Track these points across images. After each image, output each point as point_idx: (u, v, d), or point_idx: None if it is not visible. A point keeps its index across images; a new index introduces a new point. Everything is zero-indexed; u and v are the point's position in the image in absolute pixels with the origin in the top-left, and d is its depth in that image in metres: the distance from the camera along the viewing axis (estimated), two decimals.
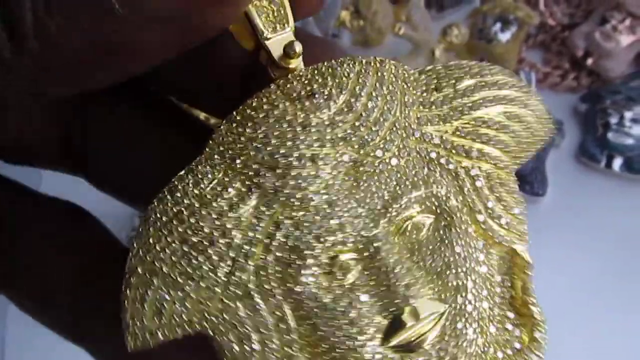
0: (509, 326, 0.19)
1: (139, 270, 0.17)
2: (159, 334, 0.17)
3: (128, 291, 0.17)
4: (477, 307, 0.18)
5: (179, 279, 0.17)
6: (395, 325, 0.17)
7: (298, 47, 0.18)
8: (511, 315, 0.19)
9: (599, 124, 0.60)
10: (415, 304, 0.17)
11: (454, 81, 0.19)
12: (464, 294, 0.18)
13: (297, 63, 0.18)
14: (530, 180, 0.56)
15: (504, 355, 0.19)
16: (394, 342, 0.17)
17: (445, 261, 0.18)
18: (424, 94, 0.18)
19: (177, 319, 0.17)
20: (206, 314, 0.17)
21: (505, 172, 0.19)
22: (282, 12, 0.18)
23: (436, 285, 0.18)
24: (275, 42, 0.18)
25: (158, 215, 0.17)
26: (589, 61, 0.65)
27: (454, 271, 0.18)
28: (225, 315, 0.17)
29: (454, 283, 0.18)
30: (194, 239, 0.17)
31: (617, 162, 0.58)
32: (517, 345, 0.19)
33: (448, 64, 0.19)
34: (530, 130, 0.19)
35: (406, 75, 0.18)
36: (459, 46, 0.65)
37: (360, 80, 0.18)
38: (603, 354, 0.50)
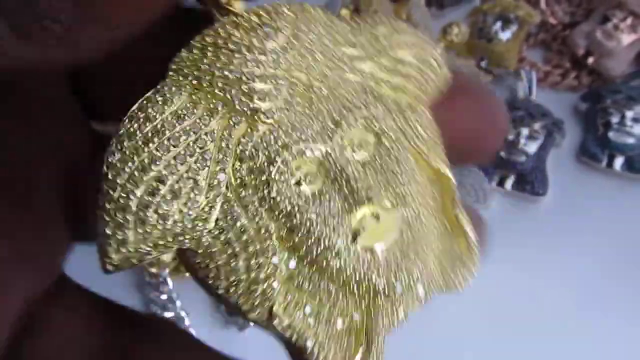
0: (447, 236, 0.22)
1: (119, 180, 0.18)
2: (141, 248, 0.18)
3: (107, 203, 0.18)
4: (423, 213, 0.21)
5: (160, 187, 0.18)
6: (361, 226, 0.20)
7: None
8: (447, 225, 0.22)
9: (600, 124, 0.60)
10: (374, 205, 0.20)
11: (370, 26, 0.21)
12: (409, 200, 0.21)
13: (240, 5, 0.20)
14: (531, 179, 0.56)
15: (443, 263, 0.21)
16: (362, 241, 0.20)
17: (391, 171, 0.20)
18: (349, 36, 0.21)
19: (161, 229, 0.18)
20: (188, 226, 0.18)
21: (421, 106, 0.22)
22: None
23: (387, 192, 0.20)
24: None
25: (131, 130, 0.18)
26: (590, 60, 0.64)
27: (399, 180, 0.21)
28: (206, 226, 0.18)
29: (402, 190, 0.21)
30: (173, 149, 0.18)
31: (619, 162, 0.58)
32: (458, 251, 0.22)
33: (363, 16, 0.22)
34: (435, 73, 0.22)
35: (334, 20, 0.21)
36: (459, 45, 0.64)
37: (299, 17, 0.20)
38: (605, 350, 0.49)
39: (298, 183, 0.19)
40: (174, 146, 0.18)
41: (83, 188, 0.22)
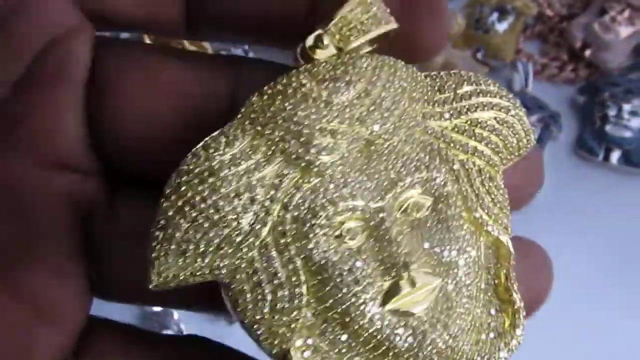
0: (493, 311, 0.22)
1: (170, 212, 0.19)
2: (181, 275, 0.19)
3: (157, 231, 0.19)
4: (467, 285, 0.21)
5: (205, 223, 0.19)
6: (394, 291, 0.20)
7: (326, 40, 0.20)
8: (495, 301, 0.22)
9: (597, 117, 0.59)
10: (413, 271, 0.20)
11: (454, 86, 0.21)
12: (455, 271, 0.21)
13: (323, 55, 0.20)
14: None
15: (486, 338, 0.21)
16: (391, 305, 0.20)
17: (441, 238, 0.20)
18: (429, 93, 0.21)
19: (200, 262, 0.19)
20: (225, 261, 0.19)
21: (495, 169, 0.22)
22: (359, 27, 0.21)
23: (431, 258, 0.20)
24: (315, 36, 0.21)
25: (191, 167, 0.19)
26: (587, 52, 0.64)
27: (447, 248, 0.20)
28: (241, 264, 0.19)
29: (448, 259, 0.20)
30: (223, 190, 0.19)
31: (615, 155, 0.57)
32: (499, 330, 0.22)
33: (450, 72, 0.21)
34: (517, 137, 0.22)
35: (414, 75, 0.21)
36: (456, 36, 0.64)
37: (376, 72, 0.20)
38: (601, 342, 0.49)
39: (339, 237, 0.20)
40: (224, 188, 0.19)
41: (100, 237, 0.22)
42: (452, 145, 0.21)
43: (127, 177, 0.23)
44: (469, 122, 0.21)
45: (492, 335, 0.21)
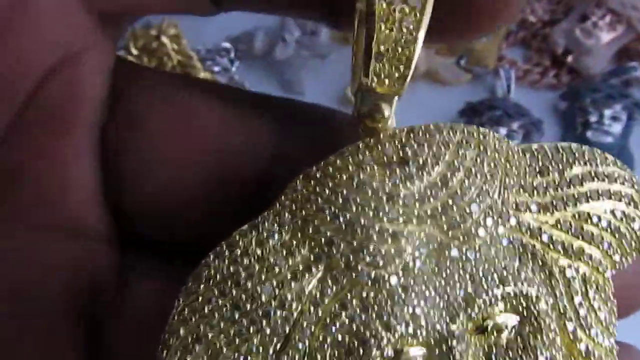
0: None
1: (182, 332, 0.15)
2: None
3: (165, 353, 0.15)
4: None
5: (224, 349, 0.15)
6: None
7: (387, 111, 0.16)
8: None
9: (579, 122, 0.60)
10: None
11: (561, 167, 0.17)
12: None
13: (385, 124, 0.16)
14: None
15: None
16: None
17: None
18: (527, 176, 0.17)
19: None
20: None
21: (604, 276, 0.17)
22: (402, 70, 0.16)
23: None
24: (367, 98, 0.16)
25: (212, 272, 0.15)
26: (570, 58, 0.64)
27: None
28: None
29: None
30: (249, 306, 0.15)
31: None
32: None
33: (557, 145, 0.17)
34: (637, 234, 0.17)
35: (510, 152, 0.17)
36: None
37: (460, 153, 0.16)
38: None
39: None
40: (250, 303, 0.15)
41: (107, 325, 0.18)
42: (551, 247, 0.17)
43: (144, 242, 0.19)
44: (576, 217, 0.17)
45: None
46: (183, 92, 0.18)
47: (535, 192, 0.17)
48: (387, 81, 0.16)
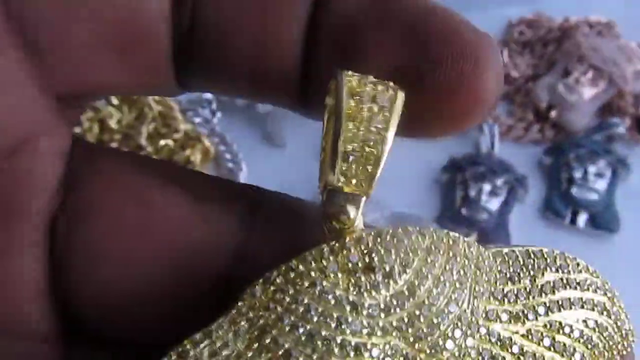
0: None
1: None
2: None
3: None
4: None
5: None
6: None
7: (352, 213, 0.15)
8: None
9: (563, 178, 0.59)
10: None
11: (532, 273, 0.16)
12: None
13: (351, 225, 0.15)
14: (493, 238, 0.55)
15: None
16: None
17: None
18: (497, 284, 0.16)
19: None
20: None
21: None
22: (369, 170, 0.15)
23: None
24: (334, 198, 0.15)
25: None
26: (553, 113, 0.64)
27: None
28: None
29: None
30: None
31: (582, 218, 0.57)
32: None
33: (528, 250, 0.16)
34: (609, 344, 0.17)
35: (480, 258, 0.16)
36: None
37: (429, 260, 0.15)
38: None
39: None
40: None
41: None
42: (522, 358, 0.16)
43: (94, 339, 0.17)
44: (548, 327, 0.16)
45: None
46: (142, 180, 0.17)
47: (505, 300, 0.16)
48: (354, 181, 0.15)
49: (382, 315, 0.14)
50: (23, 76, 0.15)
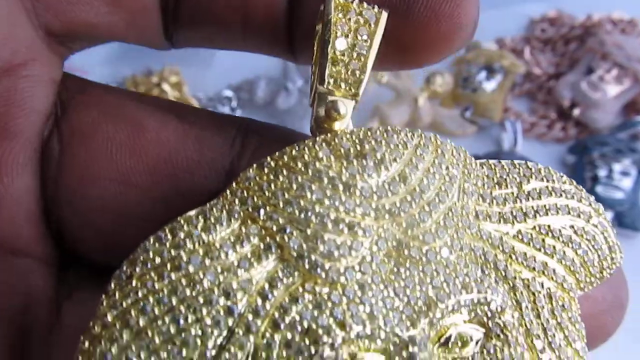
0: None
1: (109, 317, 0.13)
2: None
3: (86, 343, 0.13)
4: None
5: (155, 338, 0.13)
6: None
7: (342, 109, 0.16)
8: None
9: (588, 177, 0.58)
10: None
11: (518, 180, 0.16)
12: None
13: (341, 126, 0.16)
14: None
15: None
16: None
17: None
18: (485, 187, 0.16)
19: None
20: None
21: (570, 295, 0.16)
22: (357, 74, 0.16)
23: None
24: (324, 101, 0.16)
25: (150, 255, 0.14)
26: (576, 111, 0.63)
27: None
28: None
29: None
30: (188, 292, 0.13)
31: (608, 217, 0.56)
32: None
33: (513, 161, 0.17)
34: (599, 253, 0.17)
35: (467, 161, 0.16)
36: (443, 95, 0.63)
37: (418, 153, 0.15)
38: None
39: None
40: (190, 289, 0.13)
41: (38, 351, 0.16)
42: (513, 257, 0.16)
43: (85, 264, 0.18)
44: (537, 229, 0.16)
45: None
46: (133, 107, 0.17)
47: (494, 202, 0.16)
48: (342, 85, 0.16)
49: (375, 197, 0.14)
50: (16, 8, 0.16)
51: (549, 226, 0.16)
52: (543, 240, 0.16)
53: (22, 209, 0.16)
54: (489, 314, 0.15)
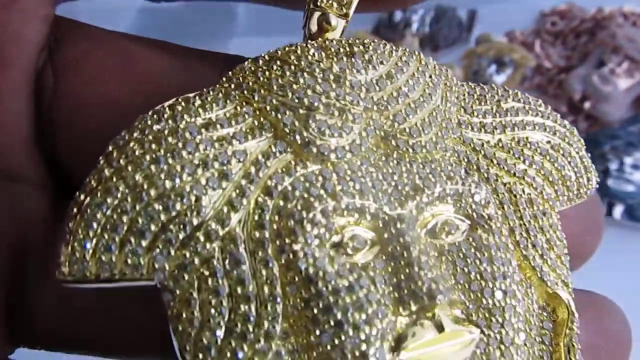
0: None
1: (105, 172, 0.14)
2: (104, 265, 0.13)
3: (82, 195, 0.14)
4: (518, 346, 0.15)
5: (151, 192, 0.14)
6: (413, 334, 0.14)
7: (334, 21, 0.17)
8: None
9: (599, 170, 0.58)
10: (441, 312, 0.14)
11: (497, 99, 0.17)
12: (501, 321, 0.15)
13: (333, 35, 0.17)
14: None
15: None
16: (407, 354, 0.14)
17: (479, 270, 0.15)
18: (466, 101, 0.17)
19: (133, 247, 0.14)
20: (170, 253, 0.14)
21: (549, 205, 0.17)
22: None
23: (466, 296, 0.15)
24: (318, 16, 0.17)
25: (149, 123, 0.14)
26: (587, 105, 0.63)
27: (490, 286, 0.15)
28: (193, 260, 0.14)
29: (489, 302, 0.15)
30: (184, 154, 0.14)
31: (618, 210, 0.56)
32: None
33: (491, 84, 0.18)
34: (576, 171, 0.18)
35: (449, 77, 0.17)
36: None
37: (403, 60, 0.16)
38: None
39: (338, 245, 0.14)
40: (187, 151, 0.14)
41: (33, 276, 0.17)
42: (494, 162, 0.17)
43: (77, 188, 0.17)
44: (515, 140, 0.17)
45: None
46: (125, 41, 0.18)
47: (475, 113, 0.17)
48: (334, 4, 0.17)
49: (364, 90, 0.15)
50: None
51: (527, 138, 0.17)
52: (522, 150, 0.17)
53: (18, 136, 0.17)
54: (474, 206, 0.16)
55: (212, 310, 0.13)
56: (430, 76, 0.16)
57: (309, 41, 0.16)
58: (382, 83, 0.16)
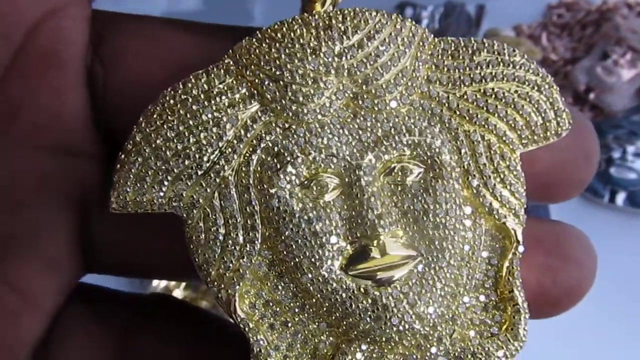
0: (489, 307, 0.20)
1: (137, 138, 0.19)
2: (139, 202, 0.19)
3: (122, 155, 0.19)
4: (453, 269, 0.19)
5: (167, 152, 0.19)
6: (360, 255, 0.19)
7: None
8: (493, 296, 0.20)
9: (602, 159, 0.60)
10: (386, 238, 0.18)
11: (470, 52, 0.19)
12: (440, 248, 0.19)
13: (321, 8, 0.20)
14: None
15: (476, 335, 0.19)
16: (355, 271, 0.19)
17: (425, 208, 0.19)
18: (439, 57, 0.19)
19: (157, 191, 0.19)
20: (183, 194, 0.19)
21: (510, 148, 0.19)
22: None
23: (411, 229, 0.19)
24: None
25: (167, 98, 0.19)
26: (591, 95, 0.65)
27: (432, 220, 0.19)
28: (199, 199, 0.19)
29: (432, 233, 0.19)
30: (191, 122, 0.19)
31: (621, 197, 0.58)
32: (494, 330, 0.19)
33: (470, 38, 0.20)
34: (543, 116, 0.19)
35: (424, 36, 0.19)
36: None
37: (377, 27, 0.19)
38: None
39: (306, 187, 0.19)
40: (192, 120, 0.19)
41: (96, 224, 0.22)
42: (457, 113, 0.19)
43: None
44: (481, 92, 0.19)
45: (484, 333, 0.19)
46: (149, 24, 0.22)
47: (445, 69, 0.19)
48: None
49: (336, 59, 0.19)
50: None
51: (493, 89, 0.19)
52: (487, 100, 0.19)
53: (79, 120, 0.21)
54: (429, 153, 0.19)
55: (212, 235, 0.19)
56: (403, 39, 0.19)
57: (295, 18, 0.19)
58: (354, 51, 0.19)
